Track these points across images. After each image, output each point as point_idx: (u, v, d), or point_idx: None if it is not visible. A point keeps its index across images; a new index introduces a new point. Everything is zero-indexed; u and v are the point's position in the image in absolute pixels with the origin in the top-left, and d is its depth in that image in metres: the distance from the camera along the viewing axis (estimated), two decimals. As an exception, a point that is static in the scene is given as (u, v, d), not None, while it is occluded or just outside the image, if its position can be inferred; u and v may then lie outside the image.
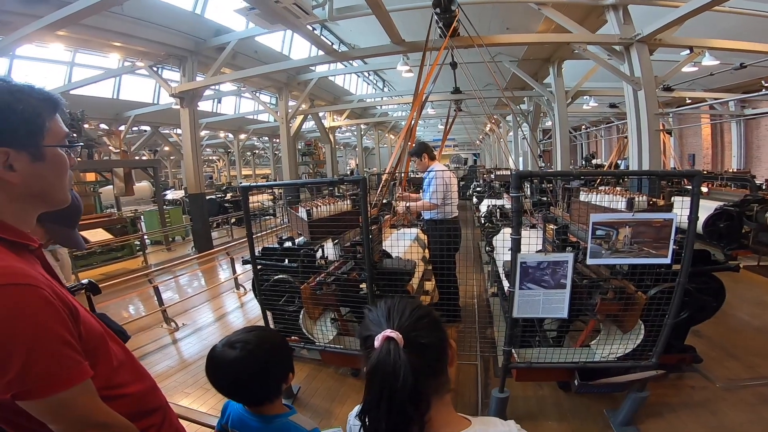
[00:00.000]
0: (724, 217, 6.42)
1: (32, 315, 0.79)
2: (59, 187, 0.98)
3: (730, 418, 2.89)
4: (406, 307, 0.94)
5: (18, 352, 0.76)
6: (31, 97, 0.90)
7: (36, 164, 0.91)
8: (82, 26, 6.76)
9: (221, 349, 1.22)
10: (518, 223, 2.54)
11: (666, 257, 2.38)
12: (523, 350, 2.95)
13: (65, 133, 0.98)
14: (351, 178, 3.30)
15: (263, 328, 1.37)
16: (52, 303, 0.82)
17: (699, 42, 7.01)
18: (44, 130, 0.92)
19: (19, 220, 0.93)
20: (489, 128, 24.68)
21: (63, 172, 0.97)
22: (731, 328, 4.26)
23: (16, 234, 0.91)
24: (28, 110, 0.89)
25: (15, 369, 0.76)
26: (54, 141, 0.94)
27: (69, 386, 0.81)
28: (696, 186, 2.44)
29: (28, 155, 0.89)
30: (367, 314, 0.98)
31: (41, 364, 0.78)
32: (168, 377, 3.98)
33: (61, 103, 0.97)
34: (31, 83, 0.93)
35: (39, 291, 0.81)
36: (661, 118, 6.90)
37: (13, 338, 0.76)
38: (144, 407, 1.03)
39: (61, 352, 0.82)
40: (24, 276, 0.81)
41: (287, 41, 12.89)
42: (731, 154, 15.72)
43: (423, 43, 6.00)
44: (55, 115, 0.95)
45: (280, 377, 1.25)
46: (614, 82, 9.91)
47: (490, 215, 6.97)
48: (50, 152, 0.93)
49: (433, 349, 0.93)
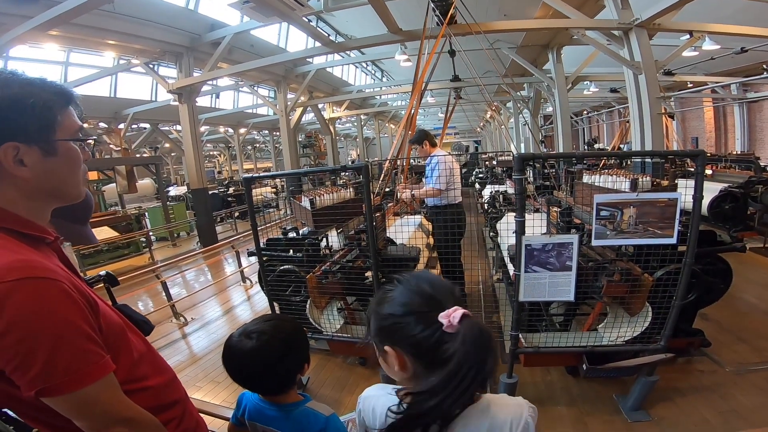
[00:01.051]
0: (729, 199, 6.39)
1: (53, 309, 0.77)
2: (73, 183, 0.96)
3: (740, 402, 2.86)
4: (445, 282, 0.92)
5: (41, 347, 0.75)
6: (42, 90, 0.87)
7: (48, 159, 0.89)
8: (75, 25, 6.73)
9: (238, 339, 1.21)
10: (522, 205, 2.53)
11: (672, 237, 2.37)
12: (530, 335, 2.95)
13: (78, 126, 0.95)
14: (352, 165, 3.29)
15: (280, 317, 1.35)
16: (72, 296, 0.81)
17: (698, 26, 6.95)
18: (56, 124, 0.89)
19: (34, 215, 0.91)
20: (489, 115, 24.58)
21: (76, 166, 0.95)
22: (739, 311, 4.22)
23: (33, 227, 0.90)
24: (39, 104, 0.86)
25: (38, 365, 0.75)
26: (66, 135, 0.91)
27: (92, 381, 0.80)
28: (700, 165, 2.42)
29: (40, 150, 0.87)
30: (409, 289, 0.90)
31: (64, 359, 0.77)
32: (179, 372, 4.00)
33: (75, 96, 0.95)
34: (44, 76, 0.92)
35: (58, 284, 0.80)
36: (662, 102, 6.85)
37: (35, 333, 0.75)
38: (164, 400, 1.01)
39: (84, 347, 0.80)
40: (43, 269, 0.80)
41: (283, 34, 12.81)
42: (734, 137, 15.62)
43: (420, 32, 5.95)
44: (68, 108, 0.93)
45: (295, 368, 1.24)
46: (614, 67, 9.84)
47: (493, 201, 6.97)
48: (63, 147, 0.91)
49: None
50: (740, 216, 6.40)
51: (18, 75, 0.88)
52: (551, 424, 2.86)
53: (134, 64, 9.67)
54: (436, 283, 0.91)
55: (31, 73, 0.91)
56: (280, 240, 3.73)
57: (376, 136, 28.28)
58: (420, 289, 0.89)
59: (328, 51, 8.81)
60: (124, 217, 9.37)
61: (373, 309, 0.95)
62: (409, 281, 0.92)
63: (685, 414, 2.80)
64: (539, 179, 6.78)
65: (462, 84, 11.26)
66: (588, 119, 27.97)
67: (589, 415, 2.90)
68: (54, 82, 0.92)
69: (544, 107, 16.36)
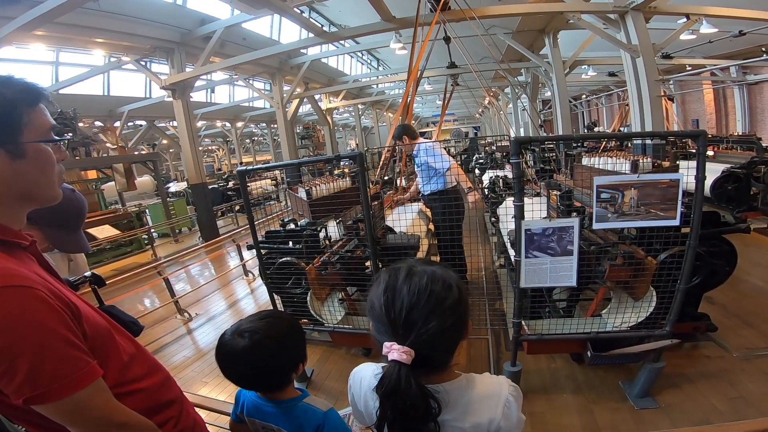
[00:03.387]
0: (732, 180, 6.33)
1: (31, 317, 0.76)
2: (45, 184, 0.92)
3: (749, 389, 2.81)
4: (420, 302, 0.86)
5: (22, 355, 0.74)
6: (6, 88, 0.84)
7: (16, 162, 0.85)
8: (61, 24, 6.66)
9: (230, 338, 1.19)
10: (520, 189, 2.49)
11: (675, 219, 2.33)
12: (534, 322, 2.92)
13: (50, 125, 0.91)
14: (347, 153, 3.25)
15: (275, 315, 1.31)
16: (50, 303, 0.79)
17: (695, 9, 6.88)
18: (22, 124, 0.85)
19: (6, 219, 0.88)
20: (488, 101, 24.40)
21: (48, 167, 0.91)
22: (744, 294, 4.14)
23: (5, 232, 0.87)
24: (5, 106, 0.82)
25: (22, 373, 0.74)
26: (36, 135, 0.87)
27: (80, 387, 0.79)
28: (702, 146, 2.37)
29: (6, 153, 0.83)
30: (372, 299, 0.93)
31: (49, 367, 0.76)
32: (186, 367, 4.03)
33: (44, 93, 0.91)
34: (10, 74, 0.87)
35: (35, 292, 0.78)
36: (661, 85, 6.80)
37: (15, 342, 0.73)
38: (159, 400, 1.00)
39: (67, 353, 0.79)
40: (18, 277, 0.78)
41: (276, 26, 12.72)
42: (735, 119, 15.52)
43: (414, 19, 5.87)
44: (37, 107, 0.89)
45: (289, 367, 1.22)
46: (612, 51, 9.75)
47: (493, 186, 6.94)
48: (31, 148, 0.87)
49: (449, 353, 0.94)
50: (743, 196, 6.35)
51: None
52: (557, 412, 2.84)
53: (125, 61, 9.60)
54: (391, 304, 0.88)
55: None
56: (279, 232, 3.70)
57: (375, 125, 28.16)
58: (376, 305, 0.91)
59: (321, 41, 8.73)
60: (125, 214, 9.36)
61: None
62: (383, 291, 0.91)
63: (693, 401, 2.76)
64: (539, 163, 6.74)
65: (459, 71, 11.18)
66: (587, 103, 27.80)
67: (595, 403, 2.87)
68: (20, 80, 0.88)
69: (542, 92, 16.24)
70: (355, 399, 1.09)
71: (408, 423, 0.84)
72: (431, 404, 0.84)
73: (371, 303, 0.92)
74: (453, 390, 0.91)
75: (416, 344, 0.84)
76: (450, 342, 0.91)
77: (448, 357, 0.93)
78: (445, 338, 0.89)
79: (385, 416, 0.85)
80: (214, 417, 2.27)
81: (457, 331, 0.91)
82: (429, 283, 0.87)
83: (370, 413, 1.01)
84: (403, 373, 0.82)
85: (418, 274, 0.90)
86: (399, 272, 0.91)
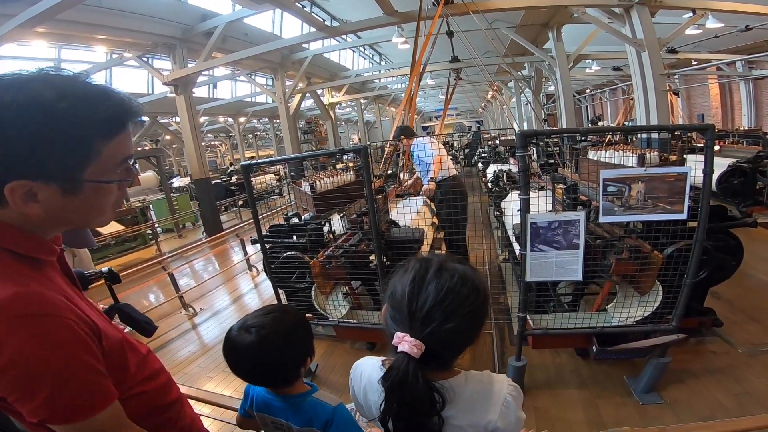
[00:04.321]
0: (738, 174, 6.30)
1: (56, 347, 0.72)
2: (94, 217, 0.84)
3: (754, 385, 2.81)
4: (445, 300, 0.85)
5: (43, 383, 0.71)
6: (87, 113, 0.72)
7: (67, 198, 0.75)
8: (62, 21, 6.66)
9: (237, 333, 1.17)
10: (526, 182, 2.47)
11: (682, 212, 2.31)
12: (539, 316, 2.92)
13: (126, 155, 0.81)
14: (352, 147, 3.24)
15: (282, 309, 1.29)
16: (76, 331, 0.75)
17: (701, 3, 6.80)
18: (90, 158, 0.74)
19: (40, 233, 0.82)
20: (491, 95, 24.30)
21: (103, 203, 0.82)
22: (750, 289, 4.13)
23: (37, 248, 0.81)
24: (76, 138, 0.72)
25: (40, 398, 0.71)
26: (102, 171, 0.77)
27: (97, 412, 0.77)
28: (710, 139, 2.35)
29: (59, 187, 0.74)
30: (396, 285, 0.92)
31: (68, 395, 0.74)
32: (191, 362, 4.05)
33: (134, 115, 0.80)
34: (106, 89, 0.76)
35: (62, 320, 0.74)
36: (667, 79, 6.74)
37: (38, 370, 0.70)
38: (160, 402, 0.99)
39: (89, 380, 0.76)
40: (49, 305, 0.74)
41: (277, 21, 12.69)
42: (741, 114, 15.39)
43: (416, 13, 5.83)
44: (119, 136, 0.78)
45: (296, 362, 1.21)
46: (616, 45, 9.65)
47: (497, 180, 6.93)
48: (91, 186, 0.77)
49: (458, 354, 0.94)
50: (749, 191, 6.32)
51: (62, 96, 0.70)
52: (562, 407, 2.84)
53: (127, 57, 9.62)
54: (416, 296, 0.87)
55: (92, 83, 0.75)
56: (283, 227, 3.70)
57: (377, 119, 28.11)
58: (399, 292, 0.90)
59: (323, 36, 8.71)
60: (129, 210, 9.36)
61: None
62: (411, 280, 0.90)
63: (698, 396, 2.75)
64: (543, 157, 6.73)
65: (462, 65, 11.11)
66: (591, 97, 27.61)
67: (600, 398, 2.86)
68: (113, 103, 0.76)
69: (546, 86, 16.14)
70: (355, 392, 1.10)
71: (413, 416, 0.84)
72: (436, 398, 0.84)
73: (393, 288, 0.91)
74: (453, 387, 0.91)
75: (429, 340, 0.84)
76: (462, 344, 0.92)
77: (455, 357, 0.94)
78: (459, 339, 0.89)
79: (391, 409, 0.85)
80: (220, 412, 2.28)
81: (472, 336, 0.91)
82: (459, 283, 0.86)
83: (369, 407, 1.01)
84: (411, 367, 0.82)
85: (449, 271, 0.88)
86: (430, 265, 0.90)
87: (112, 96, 0.76)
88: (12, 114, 0.67)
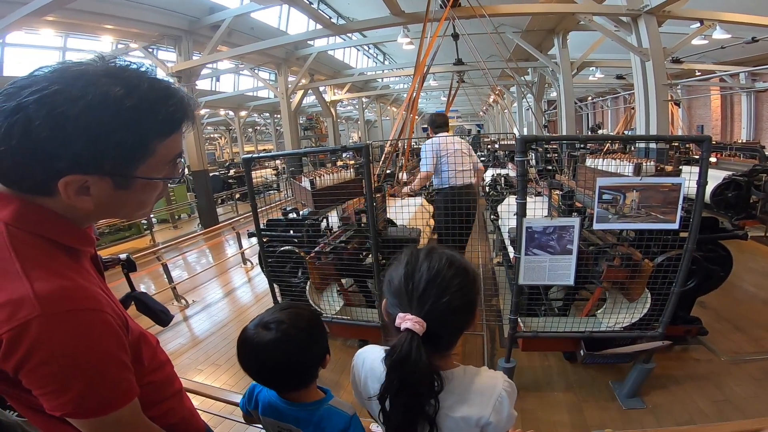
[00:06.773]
0: (733, 187, 6.33)
1: (96, 343, 0.73)
2: (138, 209, 0.86)
3: (735, 392, 2.87)
4: (437, 277, 0.91)
5: (78, 380, 0.71)
6: (147, 116, 0.73)
7: (118, 192, 0.77)
8: (71, 10, 6.67)
9: (254, 331, 1.11)
10: (524, 187, 2.51)
11: (674, 222, 2.35)
12: (529, 319, 2.97)
13: (177, 152, 0.83)
14: (353, 145, 3.26)
15: (296, 305, 1.24)
16: (113, 326, 0.76)
17: (709, 15, 6.82)
18: (145, 156, 0.76)
19: (79, 222, 0.83)
20: (492, 99, 24.35)
21: (150, 197, 0.85)
22: (737, 300, 4.21)
23: (79, 240, 0.81)
24: (137, 137, 0.73)
25: (70, 394, 0.71)
26: (153, 168, 0.79)
27: (119, 408, 0.77)
28: (705, 151, 2.38)
29: (112, 182, 0.75)
30: (392, 274, 0.97)
31: (99, 392, 0.74)
32: (180, 354, 4.06)
33: (190, 115, 0.81)
34: (168, 90, 0.77)
35: (103, 315, 0.75)
36: (669, 89, 6.77)
37: (76, 367, 0.71)
38: (165, 393, 1.00)
39: (119, 376, 0.77)
40: (89, 299, 0.74)
41: (284, 17, 12.67)
42: (740, 126, 15.44)
43: (423, 15, 5.85)
44: (173, 135, 0.79)
45: (318, 359, 1.15)
46: (621, 53, 9.66)
47: (494, 184, 6.95)
48: (141, 182, 0.79)
49: (458, 332, 0.98)
50: (743, 204, 6.35)
51: (129, 94, 0.71)
52: (548, 409, 2.89)
53: (132, 48, 9.58)
54: (410, 276, 0.93)
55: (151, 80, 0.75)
56: (281, 221, 3.72)
57: (378, 118, 28.10)
58: (395, 279, 0.95)
59: (329, 33, 8.69)
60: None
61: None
62: (405, 264, 0.96)
63: (680, 402, 2.82)
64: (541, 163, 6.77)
65: (465, 68, 11.12)
66: (592, 105, 27.69)
67: (585, 401, 2.92)
68: (174, 99, 0.77)
69: (548, 92, 16.19)
70: (355, 378, 1.11)
71: (412, 396, 0.86)
72: (435, 380, 0.88)
73: (390, 278, 0.97)
74: (450, 378, 0.94)
75: (429, 317, 0.88)
76: (460, 322, 0.96)
77: (454, 339, 0.98)
78: (456, 317, 0.93)
79: (391, 386, 0.87)
80: (209, 404, 2.30)
81: (468, 313, 0.96)
82: (447, 263, 0.94)
83: (369, 394, 1.03)
84: (414, 343, 0.85)
85: (438, 254, 0.96)
86: (420, 251, 0.98)
87: (173, 95, 0.78)
88: (80, 110, 0.67)
